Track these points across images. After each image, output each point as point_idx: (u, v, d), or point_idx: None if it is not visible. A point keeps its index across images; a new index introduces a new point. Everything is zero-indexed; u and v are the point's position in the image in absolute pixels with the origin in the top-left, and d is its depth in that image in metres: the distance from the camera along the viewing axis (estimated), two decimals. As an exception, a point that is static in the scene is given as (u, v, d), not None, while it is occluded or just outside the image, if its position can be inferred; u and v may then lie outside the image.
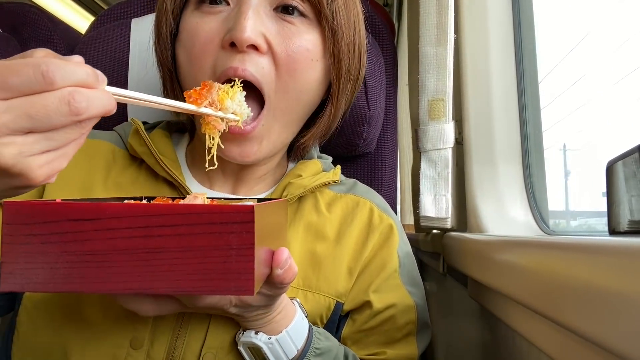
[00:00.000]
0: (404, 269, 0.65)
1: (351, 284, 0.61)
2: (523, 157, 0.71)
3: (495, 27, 0.72)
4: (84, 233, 0.32)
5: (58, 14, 2.15)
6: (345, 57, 0.57)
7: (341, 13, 0.54)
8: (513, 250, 0.44)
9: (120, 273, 0.32)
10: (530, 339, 0.45)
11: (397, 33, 1.94)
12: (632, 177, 0.34)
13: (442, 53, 0.67)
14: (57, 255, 0.32)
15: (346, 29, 0.56)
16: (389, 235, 0.64)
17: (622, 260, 0.26)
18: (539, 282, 0.36)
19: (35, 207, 0.32)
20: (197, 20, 0.53)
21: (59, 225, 0.32)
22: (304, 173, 0.63)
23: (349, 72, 0.59)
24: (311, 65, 0.54)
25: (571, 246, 0.33)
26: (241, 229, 0.32)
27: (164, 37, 0.57)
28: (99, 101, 0.33)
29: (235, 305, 0.45)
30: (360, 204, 0.65)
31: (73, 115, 0.32)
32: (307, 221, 0.62)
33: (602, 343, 0.27)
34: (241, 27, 0.48)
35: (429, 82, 0.69)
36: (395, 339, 0.62)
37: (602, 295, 0.27)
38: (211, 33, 0.52)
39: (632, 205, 0.34)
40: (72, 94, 0.32)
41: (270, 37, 0.51)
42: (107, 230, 0.32)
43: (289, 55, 0.52)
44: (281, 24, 0.52)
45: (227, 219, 0.32)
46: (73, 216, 0.32)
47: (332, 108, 0.61)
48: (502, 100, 0.72)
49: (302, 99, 0.55)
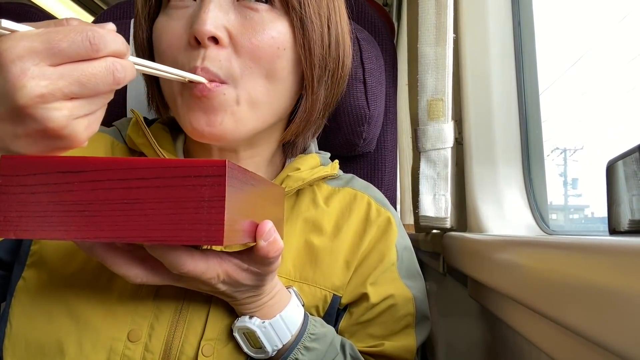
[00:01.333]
0: (402, 263, 0.65)
1: (348, 277, 0.61)
2: (523, 157, 0.71)
3: (495, 27, 0.73)
4: (70, 184, 0.35)
5: (58, 14, 2.15)
6: (318, 47, 0.55)
7: (310, 3, 0.53)
8: (513, 250, 0.44)
9: (100, 222, 0.35)
10: (530, 339, 0.45)
11: (396, 33, 1.95)
12: (632, 176, 0.34)
13: (441, 53, 0.67)
14: (45, 205, 0.35)
15: (316, 19, 0.54)
16: (386, 228, 0.64)
17: (623, 260, 0.26)
18: (539, 281, 0.36)
19: (28, 160, 0.35)
20: (165, 20, 0.53)
21: (48, 177, 0.35)
22: (302, 166, 0.63)
23: (322, 63, 0.57)
24: (278, 53, 0.52)
25: (571, 246, 0.33)
26: (213, 182, 0.34)
27: (140, 42, 0.57)
28: (130, 71, 0.37)
29: (224, 281, 0.45)
30: (358, 198, 0.65)
31: (115, 84, 0.36)
32: (304, 215, 0.62)
33: (602, 342, 0.27)
34: (201, 21, 0.48)
35: (428, 82, 0.69)
36: (394, 331, 0.62)
37: (602, 295, 0.27)
38: (177, 31, 0.51)
39: (632, 205, 0.34)
40: (114, 64, 0.36)
41: (231, 28, 0.50)
42: (91, 182, 0.35)
43: (253, 43, 0.51)
44: (245, 13, 0.51)
45: (200, 172, 0.34)
46: (61, 168, 0.35)
47: (308, 100, 0.59)
48: (502, 100, 0.72)
49: (270, 86, 0.54)
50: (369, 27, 0.93)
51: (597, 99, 0.69)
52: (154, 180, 0.34)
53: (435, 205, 0.70)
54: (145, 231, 0.34)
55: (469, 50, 0.72)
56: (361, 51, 0.80)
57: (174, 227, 0.34)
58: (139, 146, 0.59)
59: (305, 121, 0.61)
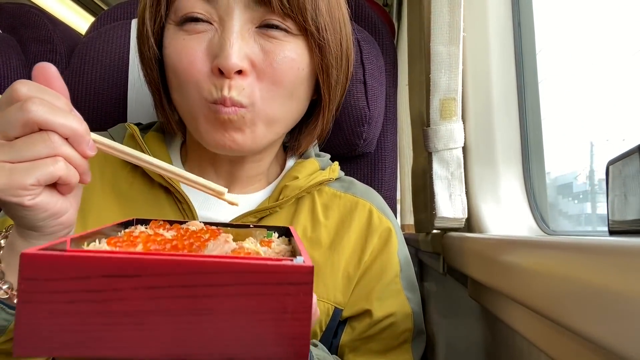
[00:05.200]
0: (404, 273, 0.65)
1: (350, 289, 0.61)
2: (523, 157, 0.71)
3: (496, 28, 0.73)
4: (121, 291, 0.28)
5: (58, 15, 2.15)
6: (334, 71, 0.57)
7: (327, 27, 0.54)
8: (513, 250, 0.44)
9: (161, 337, 0.28)
10: (530, 339, 0.45)
11: (397, 33, 1.95)
12: (633, 176, 0.34)
13: (454, 52, 0.67)
14: (87, 316, 0.28)
15: (333, 43, 0.55)
16: (388, 238, 0.64)
17: (623, 260, 0.26)
18: (539, 282, 0.36)
19: (62, 259, 0.28)
20: (183, 42, 0.52)
21: (91, 282, 0.28)
22: (300, 174, 0.63)
23: (337, 82, 0.59)
24: (298, 73, 0.54)
25: (571, 246, 0.33)
26: (298, 290, 0.29)
27: (148, 60, 0.57)
28: (62, 117, 0.38)
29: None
30: (359, 206, 0.65)
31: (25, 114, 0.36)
32: (303, 226, 0.62)
33: (602, 343, 0.27)
34: (227, 55, 0.49)
35: (442, 81, 0.68)
36: (392, 346, 0.62)
37: (602, 295, 0.27)
38: (197, 54, 0.51)
39: (633, 205, 0.34)
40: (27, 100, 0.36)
41: (254, 57, 0.51)
42: (148, 289, 0.28)
43: (274, 67, 0.52)
44: (265, 39, 0.52)
45: (283, 278, 0.29)
46: (108, 271, 0.28)
47: (324, 118, 0.62)
48: (502, 100, 0.72)
49: (288, 104, 0.55)
50: (369, 28, 0.93)
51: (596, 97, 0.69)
52: (227, 288, 0.29)
53: (452, 206, 0.69)
54: (220, 347, 0.29)
55: (469, 50, 0.72)
56: (361, 52, 0.80)
57: (252, 343, 0.29)
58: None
59: (321, 132, 0.64)
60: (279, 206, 0.61)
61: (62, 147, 0.38)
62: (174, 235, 0.41)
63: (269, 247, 0.41)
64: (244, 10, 0.50)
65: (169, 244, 0.38)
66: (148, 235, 0.40)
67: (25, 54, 1.05)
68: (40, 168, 0.37)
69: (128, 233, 0.41)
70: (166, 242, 0.38)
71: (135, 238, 0.39)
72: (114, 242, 0.36)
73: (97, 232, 0.38)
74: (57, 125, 0.37)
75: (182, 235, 0.41)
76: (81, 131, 0.39)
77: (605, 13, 0.67)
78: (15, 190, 0.37)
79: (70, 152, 0.38)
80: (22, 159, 0.37)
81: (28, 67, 1.03)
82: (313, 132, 0.63)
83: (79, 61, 0.87)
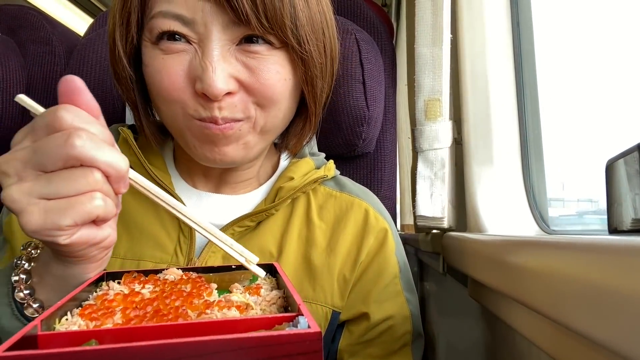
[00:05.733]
0: (403, 274, 0.65)
1: (347, 291, 0.61)
2: (522, 156, 0.71)
3: (494, 27, 0.73)
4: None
5: (56, 16, 2.15)
6: (319, 81, 0.56)
7: (309, 39, 0.52)
8: (513, 249, 0.44)
9: None
10: (530, 339, 0.45)
11: (396, 33, 1.95)
12: (632, 175, 0.34)
13: (437, 53, 0.67)
14: None
15: (316, 53, 0.54)
16: (384, 238, 0.64)
17: (623, 260, 0.26)
18: (540, 281, 0.36)
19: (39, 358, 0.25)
20: (162, 62, 0.50)
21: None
22: (295, 175, 0.62)
23: (323, 91, 0.58)
24: (285, 84, 0.53)
25: (571, 246, 0.33)
26: (307, 359, 0.28)
27: (124, 79, 0.55)
28: (108, 154, 0.36)
29: None
30: (355, 205, 0.65)
31: (69, 148, 0.34)
32: (298, 229, 0.62)
33: (602, 342, 0.27)
34: (211, 82, 0.47)
35: (425, 82, 0.69)
36: (392, 350, 0.61)
37: (602, 295, 0.27)
38: (178, 74, 0.49)
39: (633, 204, 0.34)
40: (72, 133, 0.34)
41: (239, 75, 0.50)
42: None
43: (261, 83, 0.51)
44: (247, 55, 0.50)
45: (292, 350, 0.27)
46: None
47: (311, 123, 0.61)
48: (501, 99, 0.72)
49: (279, 113, 0.54)
50: (368, 28, 0.93)
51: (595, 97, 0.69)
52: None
53: (432, 205, 0.70)
54: None
55: (467, 50, 0.72)
56: (360, 52, 0.80)
57: None
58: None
59: (308, 134, 0.63)
60: (275, 208, 0.60)
61: (102, 185, 0.36)
62: (153, 291, 0.39)
63: (259, 295, 0.39)
64: (223, 31, 0.48)
65: (150, 307, 0.35)
66: (125, 297, 0.37)
67: (24, 56, 1.05)
68: (76, 207, 0.35)
69: (101, 297, 0.37)
70: (146, 305, 0.35)
71: (110, 303, 0.36)
72: (88, 313, 0.34)
73: (68, 300, 0.35)
74: (101, 163, 0.35)
75: (162, 291, 0.38)
76: (124, 171, 0.37)
77: (605, 13, 0.67)
78: (49, 232, 0.35)
79: (108, 189, 0.37)
80: (59, 196, 0.34)
81: (27, 68, 1.03)
82: (302, 132, 0.63)
83: (77, 62, 0.87)
